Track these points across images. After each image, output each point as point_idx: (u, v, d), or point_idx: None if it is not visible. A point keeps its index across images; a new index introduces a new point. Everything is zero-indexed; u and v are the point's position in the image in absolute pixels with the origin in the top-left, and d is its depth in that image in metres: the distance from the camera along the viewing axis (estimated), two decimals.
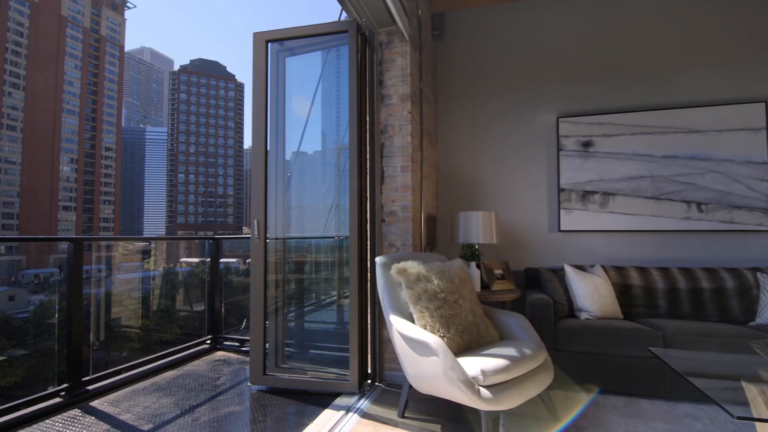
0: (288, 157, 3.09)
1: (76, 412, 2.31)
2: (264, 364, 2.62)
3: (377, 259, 2.26)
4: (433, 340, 1.79)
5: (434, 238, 3.38)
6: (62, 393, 2.39)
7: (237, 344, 3.54)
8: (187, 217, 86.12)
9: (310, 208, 3.35)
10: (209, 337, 3.53)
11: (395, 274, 2.11)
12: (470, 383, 1.71)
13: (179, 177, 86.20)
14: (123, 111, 75.21)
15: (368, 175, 2.62)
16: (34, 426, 2.12)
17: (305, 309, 3.26)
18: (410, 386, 2.15)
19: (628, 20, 3.36)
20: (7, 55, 56.16)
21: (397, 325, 1.99)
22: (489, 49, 3.66)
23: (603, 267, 3.07)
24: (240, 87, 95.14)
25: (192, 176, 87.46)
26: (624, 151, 3.35)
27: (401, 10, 2.46)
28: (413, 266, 2.12)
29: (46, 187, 59.04)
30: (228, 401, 2.47)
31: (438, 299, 2.05)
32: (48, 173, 59.51)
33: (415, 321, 2.02)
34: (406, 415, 2.19)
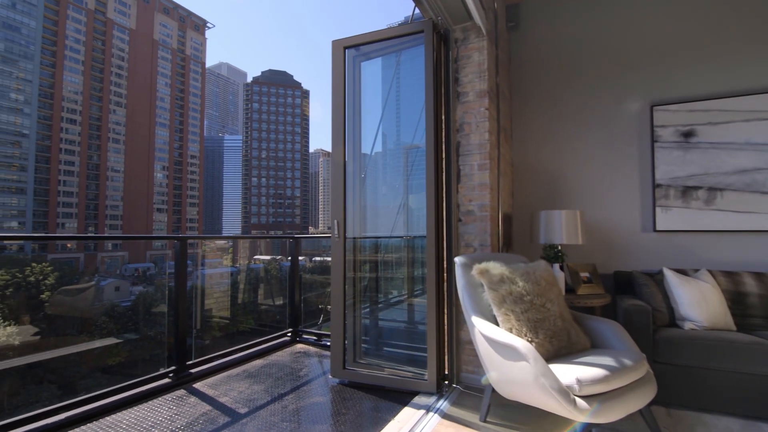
0: (362, 159, 3.17)
1: (182, 392, 2.58)
2: (344, 359, 2.72)
3: (456, 259, 2.23)
4: (521, 344, 1.72)
5: (510, 239, 3.25)
6: (170, 374, 2.69)
7: (315, 338, 3.71)
8: (259, 217, 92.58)
9: (379, 208, 3.41)
10: (290, 330, 3.75)
11: (477, 275, 2.06)
12: (565, 392, 1.61)
13: (252, 180, 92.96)
14: (205, 122, 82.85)
15: (444, 174, 2.60)
16: (149, 403, 2.41)
17: (378, 307, 3.33)
18: (493, 390, 2.09)
19: None
20: (112, 77, 64.78)
21: (481, 327, 1.94)
22: (568, 37, 3.44)
23: (710, 272, 2.73)
24: (305, 94, 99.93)
25: (263, 179, 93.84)
26: (735, 141, 2.94)
27: (478, 4, 2.40)
28: (496, 267, 2.06)
29: (143, 191, 67.16)
30: (312, 392, 2.59)
31: (524, 302, 1.96)
32: (144, 179, 67.64)
33: (500, 324, 1.96)
34: (488, 419, 2.13)
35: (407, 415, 2.21)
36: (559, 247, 2.85)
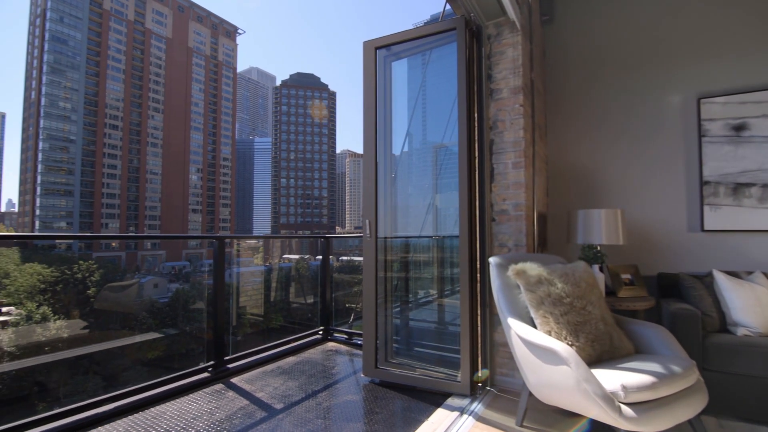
0: (392, 158, 3.17)
1: (220, 386, 2.67)
2: (375, 358, 2.73)
3: (491, 260, 2.19)
4: (562, 348, 1.67)
5: (545, 239, 3.16)
6: (209, 369, 2.79)
7: (345, 336, 3.75)
8: (288, 217, 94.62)
9: (408, 207, 3.39)
10: (321, 328, 3.80)
11: (513, 276, 2.01)
12: (609, 399, 1.55)
13: (281, 181, 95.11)
14: (236, 125, 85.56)
15: (477, 172, 2.55)
16: (190, 396, 2.50)
17: (408, 306, 3.32)
18: (530, 394, 2.03)
19: None
20: (150, 84, 68.00)
21: (518, 329, 1.90)
22: (605, 29, 3.30)
23: (765, 274, 2.55)
24: (332, 95, 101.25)
25: (292, 180, 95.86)
26: None
27: None
28: (533, 268, 2.01)
29: (179, 192, 70.15)
30: (344, 390, 2.62)
31: (563, 304, 1.90)
32: (180, 181, 70.62)
33: (538, 326, 1.91)
34: (525, 424, 2.08)
35: (441, 416, 2.19)
36: (599, 248, 2.74)
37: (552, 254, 2.57)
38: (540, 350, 1.78)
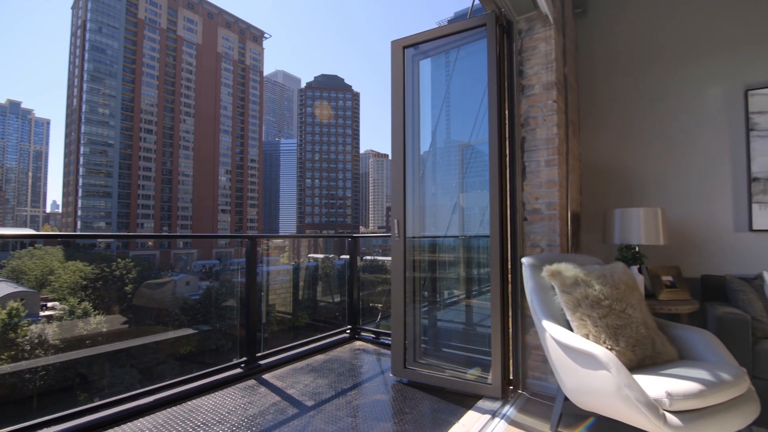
0: (420, 158, 3.16)
1: (252, 382, 2.73)
2: (404, 358, 2.72)
3: (524, 260, 2.13)
4: (601, 352, 1.61)
5: (578, 239, 3.06)
6: (242, 365, 2.86)
7: (373, 336, 3.76)
8: (313, 217, 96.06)
9: (436, 207, 3.37)
10: (348, 327, 3.83)
11: (547, 277, 1.96)
12: (653, 406, 1.48)
13: (306, 182, 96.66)
14: (263, 128, 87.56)
15: (508, 171, 2.50)
16: (224, 391, 2.57)
17: (435, 307, 3.29)
18: (564, 399, 1.97)
19: None
20: (182, 90, 70.59)
21: (553, 332, 1.84)
22: (642, 20, 3.16)
23: None
24: (356, 96, 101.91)
25: (317, 181, 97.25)
26: None
27: None
28: (569, 269, 1.94)
29: (209, 194, 72.53)
30: (373, 389, 2.62)
31: (602, 307, 1.83)
32: (210, 183, 73.00)
33: (574, 330, 1.85)
34: (559, 429, 2.01)
35: (472, 419, 2.16)
36: (637, 248, 2.63)
37: (585, 255, 2.49)
38: (577, 354, 1.72)
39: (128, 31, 65.33)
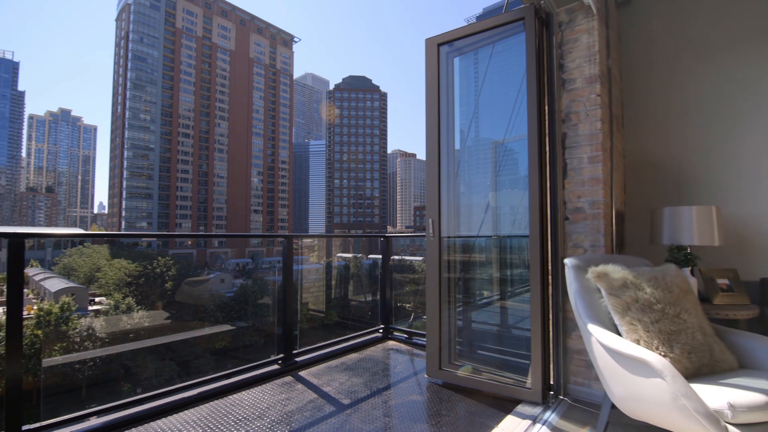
0: (454, 157, 3.11)
1: (289, 378, 2.78)
2: (439, 359, 2.69)
3: (567, 261, 2.05)
4: (655, 359, 1.52)
5: (623, 239, 2.91)
6: (279, 361, 2.92)
7: (405, 336, 3.74)
8: (341, 217, 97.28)
9: (470, 206, 3.30)
10: (381, 326, 3.83)
11: (593, 279, 1.87)
12: (713, 418, 1.38)
13: (335, 182, 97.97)
14: (293, 129, 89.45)
15: (548, 168, 2.41)
16: (262, 386, 2.63)
17: (469, 308, 3.23)
18: (611, 407, 1.88)
19: None
20: (216, 95, 73.30)
21: (600, 336, 1.76)
22: (690, 6, 2.96)
23: None
24: (384, 96, 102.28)
25: (345, 181, 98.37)
26: None
27: None
28: (616, 270, 1.85)
29: (242, 194, 74.98)
30: (408, 389, 2.61)
31: (653, 311, 1.73)
32: (243, 184, 75.45)
33: (623, 334, 1.75)
34: None
35: (511, 423, 2.10)
36: (689, 249, 2.47)
37: (629, 255, 2.36)
38: (628, 360, 1.63)
39: (167, 40, 68.59)
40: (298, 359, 3.00)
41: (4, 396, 1.81)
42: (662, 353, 1.65)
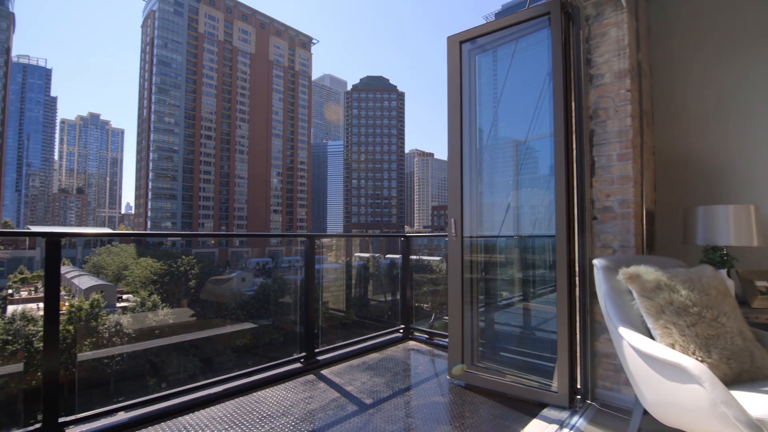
0: (476, 155, 3.07)
1: (311, 377, 2.80)
2: (462, 360, 2.65)
3: (596, 262, 1.99)
4: (693, 364, 1.45)
5: (653, 239, 2.81)
6: (302, 360, 2.95)
7: (426, 336, 3.72)
8: (359, 217, 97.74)
9: (493, 205, 3.25)
10: (401, 326, 3.81)
11: (624, 280, 1.81)
12: (756, 427, 1.31)
13: (353, 182, 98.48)
14: (311, 130, 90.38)
15: (575, 166, 2.35)
16: (285, 384, 2.66)
17: (492, 309, 3.18)
18: (643, 413, 1.82)
19: None
20: (237, 97, 74.81)
21: (632, 340, 1.70)
22: None
23: None
24: (401, 96, 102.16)
25: (363, 181, 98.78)
26: None
27: None
28: (649, 272, 1.78)
29: (263, 195, 76.33)
30: (430, 390, 2.59)
31: (690, 314, 1.66)
32: (263, 184, 76.76)
33: (657, 338, 1.69)
34: None
35: (538, 427, 2.06)
36: (725, 250, 2.36)
37: (658, 256, 2.27)
38: (662, 365, 1.57)
39: (190, 45, 70.46)
40: (319, 358, 3.02)
41: (43, 389, 1.89)
42: (699, 358, 1.58)
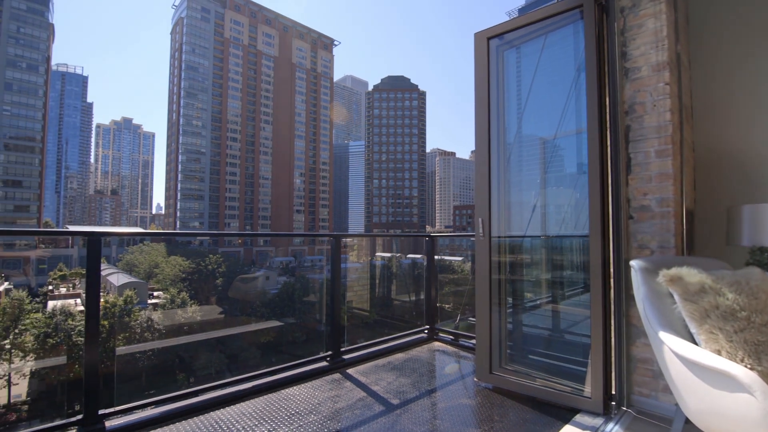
0: (504, 154, 3.01)
1: (338, 376, 2.82)
2: (490, 363, 2.61)
3: (634, 263, 1.91)
4: (742, 372, 1.37)
5: (692, 239, 2.68)
6: (328, 358, 2.97)
7: (452, 337, 3.67)
8: (380, 216, 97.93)
9: (522, 204, 3.18)
10: (426, 327, 3.78)
11: (665, 283, 1.73)
12: None
13: (374, 182, 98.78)
14: (333, 131, 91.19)
15: (610, 163, 2.26)
16: (312, 382, 2.68)
17: (519, 311, 3.11)
18: (685, 421, 1.73)
19: None
20: (261, 100, 76.41)
21: (674, 346, 1.62)
22: None
23: None
24: (422, 95, 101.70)
25: (384, 181, 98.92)
26: None
27: None
28: (692, 274, 1.69)
29: (286, 195, 77.71)
30: (457, 392, 2.55)
31: (737, 319, 1.57)
32: (287, 185, 78.15)
33: (701, 344, 1.60)
34: None
35: None
36: None
37: (703, 258, 2.16)
38: (708, 373, 1.48)
39: (216, 50, 72.50)
40: (345, 357, 3.03)
41: (84, 381, 1.97)
42: (748, 366, 1.49)
